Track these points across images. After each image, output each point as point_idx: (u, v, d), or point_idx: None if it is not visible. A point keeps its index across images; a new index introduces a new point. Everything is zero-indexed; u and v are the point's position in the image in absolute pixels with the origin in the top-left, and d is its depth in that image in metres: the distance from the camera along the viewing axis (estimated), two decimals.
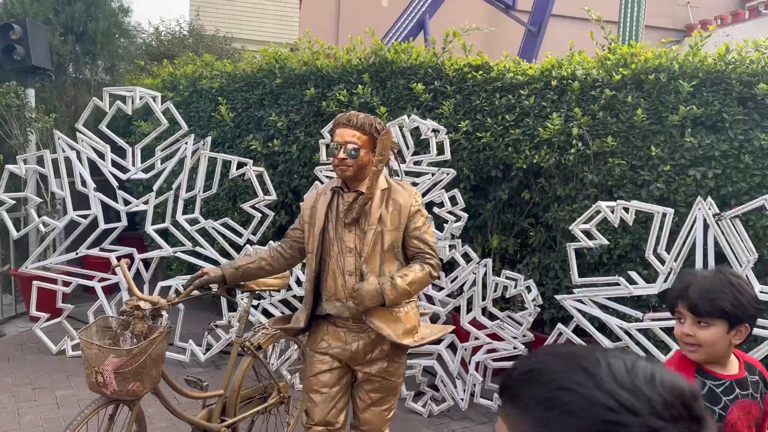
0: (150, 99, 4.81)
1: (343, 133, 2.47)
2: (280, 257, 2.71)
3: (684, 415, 0.65)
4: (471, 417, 4.14)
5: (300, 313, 2.66)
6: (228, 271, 2.65)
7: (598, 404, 0.63)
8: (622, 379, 0.66)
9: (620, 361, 0.68)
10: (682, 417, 0.65)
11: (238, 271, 2.66)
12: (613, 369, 0.66)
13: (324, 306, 2.57)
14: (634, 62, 4.34)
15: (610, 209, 3.62)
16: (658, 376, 0.67)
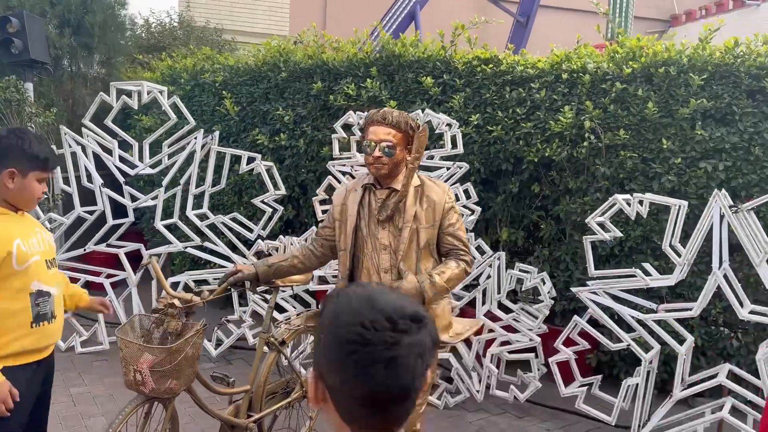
0: (158, 93, 4.76)
1: (378, 131, 2.47)
2: (311, 256, 2.71)
3: (387, 326, 0.92)
4: (487, 409, 4.18)
5: None
6: (261, 268, 2.65)
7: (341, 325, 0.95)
8: (356, 305, 0.96)
9: (358, 294, 0.99)
10: (385, 328, 0.92)
11: (270, 269, 2.66)
12: (352, 300, 0.97)
13: None
14: (644, 55, 4.37)
15: (626, 202, 3.65)
16: (379, 300, 0.96)
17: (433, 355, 0.97)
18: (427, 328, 0.96)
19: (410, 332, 0.94)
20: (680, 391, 3.59)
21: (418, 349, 0.93)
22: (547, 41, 5.00)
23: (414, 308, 0.97)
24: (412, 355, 0.93)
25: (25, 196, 2.17)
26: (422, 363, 0.94)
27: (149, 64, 8.09)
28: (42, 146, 2.18)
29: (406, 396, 0.95)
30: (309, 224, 5.75)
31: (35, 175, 2.16)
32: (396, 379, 0.93)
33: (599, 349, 4.55)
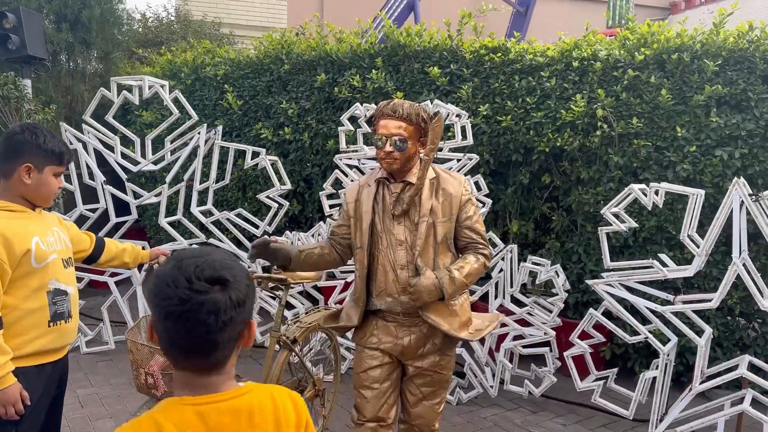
0: (159, 88, 4.66)
1: (388, 125, 2.37)
2: (334, 252, 2.60)
3: (184, 285, 1.05)
4: (500, 404, 4.11)
5: (350, 310, 2.56)
6: (294, 252, 2.51)
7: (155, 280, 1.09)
8: (170, 265, 1.09)
9: (179, 255, 1.12)
10: (182, 286, 1.05)
11: (301, 255, 2.53)
12: (172, 260, 1.11)
13: (374, 301, 2.47)
14: (656, 42, 4.28)
15: (642, 192, 3.57)
16: (186, 262, 1.08)
17: (237, 315, 1.08)
18: (228, 291, 1.07)
19: (204, 292, 1.05)
20: (699, 383, 3.52)
21: (212, 307, 1.05)
22: (547, 31, 4.91)
23: (218, 273, 1.08)
24: (203, 312, 1.05)
25: (42, 192, 2.13)
26: (217, 320, 1.05)
27: (148, 58, 7.98)
28: (56, 141, 2.14)
29: (204, 348, 1.08)
30: (314, 219, 5.67)
31: (51, 169, 2.13)
32: (188, 332, 1.06)
33: (613, 341, 4.48)
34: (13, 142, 2.07)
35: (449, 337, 2.51)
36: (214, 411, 1.10)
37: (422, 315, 2.39)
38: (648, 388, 3.74)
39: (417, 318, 2.45)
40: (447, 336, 2.50)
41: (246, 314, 1.12)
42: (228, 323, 1.07)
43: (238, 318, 1.09)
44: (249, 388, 1.17)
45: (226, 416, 1.11)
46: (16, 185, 2.09)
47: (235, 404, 1.13)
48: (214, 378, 1.12)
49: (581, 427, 3.84)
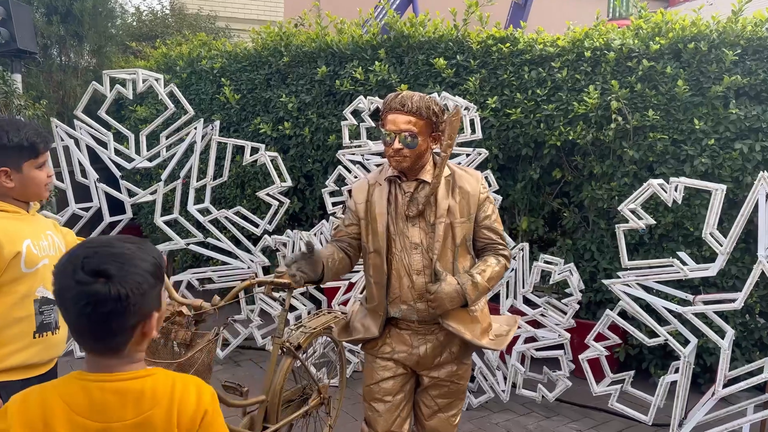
0: (154, 82, 4.47)
1: (397, 120, 2.17)
2: (345, 257, 2.37)
3: (69, 275, 1.10)
4: (512, 409, 3.96)
5: (365, 320, 2.36)
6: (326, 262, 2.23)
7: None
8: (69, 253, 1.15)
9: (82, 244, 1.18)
10: (67, 276, 1.10)
11: (330, 263, 2.26)
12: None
13: (388, 309, 2.30)
14: (671, 30, 4.11)
15: (661, 187, 3.40)
16: (78, 252, 1.12)
17: (122, 308, 1.10)
18: (110, 285, 1.09)
19: (85, 284, 1.08)
20: (722, 387, 3.36)
21: (90, 299, 1.08)
22: (545, 23, 4.73)
23: (103, 266, 1.10)
24: (81, 303, 1.09)
25: (31, 189, 1.96)
26: (95, 312, 1.09)
27: (142, 52, 7.79)
28: (23, 132, 1.93)
29: (92, 334, 1.13)
30: (315, 217, 5.50)
31: (30, 164, 1.94)
32: (74, 318, 1.12)
33: (627, 342, 4.32)
34: None
35: (467, 344, 2.34)
36: (98, 389, 1.15)
37: (442, 323, 2.22)
38: (666, 392, 3.59)
39: (433, 325, 2.28)
40: (464, 344, 2.33)
41: (139, 306, 1.13)
42: (112, 315, 1.10)
43: (125, 310, 1.11)
44: (148, 373, 1.20)
45: (110, 395, 1.15)
46: (2, 191, 1.92)
47: (123, 386, 1.16)
48: (111, 360, 1.17)
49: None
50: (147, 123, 6.11)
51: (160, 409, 1.17)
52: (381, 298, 2.27)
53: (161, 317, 1.24)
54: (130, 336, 1.15)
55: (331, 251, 2.31)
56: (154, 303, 1.18)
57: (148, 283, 1.15)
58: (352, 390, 4.23)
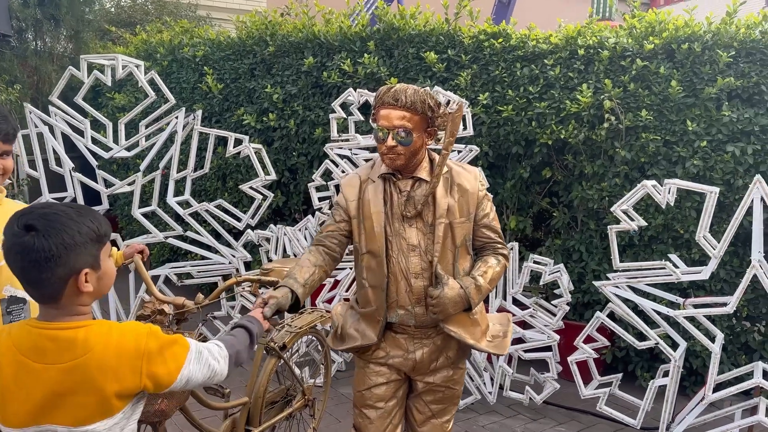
0: (134, 68, 4.30)
1: (390, 116, 2.04)
2: (329, 259, 2.24)
3: (9, 229, 1.30)
4: (499, 411, 3.89)
5: (360, 325, 2.25)
6: (299, 290, 2.08)
7: None
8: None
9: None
10: (8, 228, 1.30)
11: (306, 289, 2.11)
12: None
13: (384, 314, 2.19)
14: (665, 30, 4.06)
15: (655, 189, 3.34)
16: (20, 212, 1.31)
17: (48, 259, 1.26)
18: (36, 237, 1.26)
19: (16, 235, 1.27)
20: (712, 392, 3.33)
21: (18, 248, 1.27)
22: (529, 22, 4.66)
23: (32, 221, 1.27)
24: (13, 252, 1.28)
25: None
26: (24, 259, 1.27)
27: (122, 38, 7.55)
28: None
29: (30, 282, 1.31)
30: (299, 212, 5.37)
31: None
32: (13, 268, 1.30)
33: (614, 344, 4.28)
34: None
35: (463, 348, 2.26)
36: (38, 334, 1.32)
37: (443, 327, 2.12)
38: (654, 396, 3.55)
39: (430, 329, 2.18)
40: (461, 348, 2.24)
41: (64, 260, 1.28)
42: (38, 263, 1.26)
43: (50, 261, 1.26)
44: (83, 324, 1.33)
45: (47, 341, 1.31)
46: None
47: (56, 333, 1.31)
48: (51, 310, 1.33)
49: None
50: (125, 111, 5.93)
51: (93, 355, 1.30)
52: (380, 303, 2.15)
53: (102, 277, 1.37)
54: (62, 287, 1.30)
55: (312, 270, 2.15)
56: (87, 261, 1.32)
57: (75, 241, 1.29)
58: (335, 390, 4.12)
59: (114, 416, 1.35)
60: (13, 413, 1.31)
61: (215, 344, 1.57)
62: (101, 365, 1.31)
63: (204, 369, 1.48)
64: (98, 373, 1.30)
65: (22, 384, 1.30)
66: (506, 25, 4.48)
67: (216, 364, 1.52)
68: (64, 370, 1.30)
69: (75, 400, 1.30)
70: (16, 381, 1.30)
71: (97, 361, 1.31)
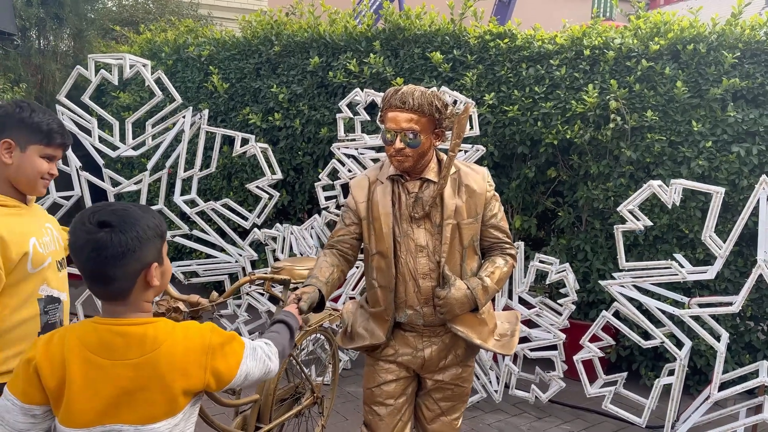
0: (141, 67, 4.31)
1: (398, 118, 2.06)
2: (345, 261, 2.28)
3: (80, 225, 1.30)
4: (504, 409, 3.91)
5: (369, 324, 2.27)
6: (324, 289, 2.13)
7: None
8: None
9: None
10: (80, 226, 1.30)
11: (328, 287, 2.17)
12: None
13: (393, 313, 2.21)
14: (670, 31, 4.08)
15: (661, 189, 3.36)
16: (92, 207, 1.34)
17: (123, 254, 1.28)
18: (111, 233, 1.27)
19: (92, 232, 1.27)
20: (717, 391, 3.35)
21: (95, 244, 1.27)
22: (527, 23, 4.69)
23: (106, 217, 1.29)
24: (88, 248, 1.27)
25: (26, 174, 1.79)
26: (99, 255, 1.27)
27: (126, 37, 7.56)
28: (46, 117, 1.79)
29: (99, 279, 1.31)
30: (304, 211, 5.39)
31: (36, 149, 1.79)
32: (83, 263, 1.30)
33: (618, 343, 4.30)
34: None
35: (472, 347, 2.27)
36: (106, 331, 1.32)
37: (450, 327, 2.14)
38: (659, 395, 3.57)
39: (439, 328, 2.20)
40: (470, 346, 2.26)
41: (138, 254, 1.30)
42: (115, 259, 1.27)
43: (126, 257, 1.28)
44: (151, 321, 1.36)
45: (116, 337, 1.32)
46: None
47: (126, 329, 1.32)
48: (119, 307, 1.34)
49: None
50: (130, 110, 5.95)
51: (162, 350, 1.32)
52: (388, 303, 2.18)
53: (164, 273, 1.40)
54: (132, 283, 1.32)
55: (332, 270, 2.20)
56: (154, 255, 1.34)
57: (146, 236, 1.31)
58: (341, 388, 4.14)
59: (176, 415, 1.35)
60: (79, 411, 1.29)
61: (264, 342, 1.60)
62: (170, 360, 1.32)
63: (260, 365, 1.50)
64: (168, 368, 1.32)
65: (91, 382, 1.29)
66: (512, 26, 4.50)
67: (269, 360, 1.55)
68: (134, 366, 1.31)
69: (144, 396, 1.31)
70: (85, 379, 1.29)
71: (166, 356, 1.32)
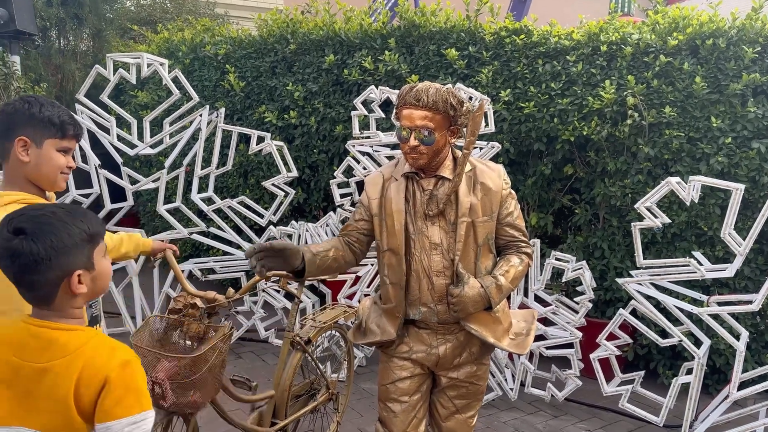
0: (159, 66, 4.35)
1: (413, 115, 2.06)
2: (349, 252, 2.30)
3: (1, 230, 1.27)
4: (519, 407, 3.90)
5: (380, 320, 2.27)
6: (308, 255, 2.15)
7: None
8: None
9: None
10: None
11: (316, 258, 2.17)
12: None
13: (407, 311, 2.21)
14: (689, 26, 4.03)
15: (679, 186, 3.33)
16: (10, 215, 1.28)
17: (39, 262, 1.24)
18: (25, 242, 1.24)
19: (6, 240, 1.25)
20: (736, 390, 3.31)
21: (9, 253, 1.25)
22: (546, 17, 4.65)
23: (22, 224, 1.25)
24: (4, 257, 1.26)
25: (45, 170, 1.79)
26: (14, 264, 1.25)
27: (143, 36, 7.64)
28: (56, 110, 1.80)
29: (20, 284, 1.29)
30: (319, 208, 5.41)
31: (52, 143, 1.78)
32: (5, 272, 1.28)
33: (636, 341, 4.27)
34: (5, 116, 1.74)
35: (486, 345, 2.27)
36: (25, 330, 1.31)
37: (464, 325, 2.14)
38: (677, 393, 3.54)
39: (453, 325, 2.20)
40: (485, 344, 2.26)
41: (55, 263, 1.26)
42: (28, 267, 1.25)
43: (39, 265, 1.24)
44: (70, 328, 1.32)
45: (31, 338, 1.30)
46: (16, 167, 1.76)
47: (40, 331, 1.30)
48: (43, 311, 1.32)
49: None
50: (147, 109, 6.01)
51: (65, 361, 1.27)
52: (399, 300, 2.18)
53: (98, 277, 1.36)
54: (55, 289, 1.29)
55: (328, 248, 2.23)
56: (80, 262, 1.30)
57: (65, 244, 1.26)
58: (356, 385, 4.16)
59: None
60: None
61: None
62: (67, 374, 1.26)
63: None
64: (63, 380, 1.26)
65: (3, 377, 1.29)
66: (528, 22, 4.47)
67: None
68: (39, 370, 1.27)
69: (45, 405, 1.27)
70: (1, 375, 1.29)
71: (66, 367, 1.26)
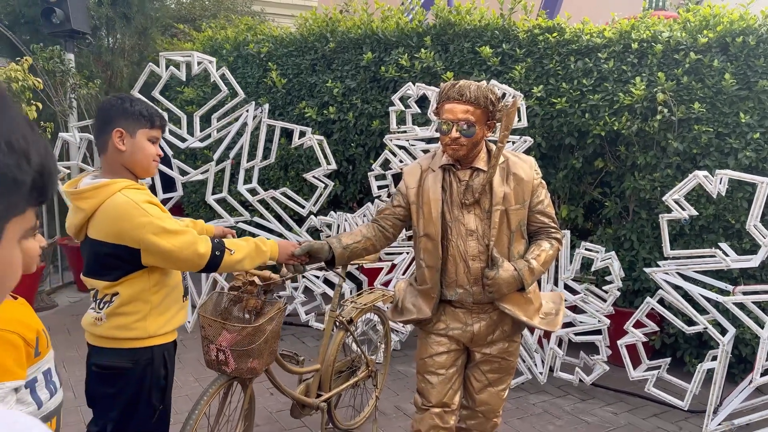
0: (208, 64, 4.62)
1: (455, 109, 2.25)
2: (382, 236, 2.51)
3: None
4: (548, 390, 4.07)
5: (417, 300, 2.48)
6: (338, 249, 2.43)
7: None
8: None
9: None
10: None
11: (346, 251, 2.44)
12: None
13: (444, 292, 2.41)
14: (720, 24, 4.13)
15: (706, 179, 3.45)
16: None
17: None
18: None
19: None
20: (760, 376, 3.43)
21: None
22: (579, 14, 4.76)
23: None
24: None
25: (139, 158, 2.03)
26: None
27: (185, 34, 7.95)
28: (144, 105, 2.05)
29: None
30: (355, 200, 5.63)
31: (144, 133, 2.02)
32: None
33: (663, 330, 4.39)
34: (102, 111, 2.01)
35: (518, 323, 2.46)
36: None
37: (498, 305, 2.34)
38: (702, 379, 3.67)
39: (487, 305, 2.39)
40: (516, 322, 2.45)
41: None
42: None
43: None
44: None
45: None
46: (114, 157, 2.00)
47: None
48: None
49: (632, 416, 3.79)
50: (193, 104, 6.30)
51: None
52: (435, 282, 2.38)
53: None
54: None
55: (359, 239, 2.47)
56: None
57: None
58: (391, 367, 4.38)
59: None
60: None
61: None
62: None
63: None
64: None
65: None
66: (561, 19, 4.61)
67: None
68: None
69: None
70: None
71: None
